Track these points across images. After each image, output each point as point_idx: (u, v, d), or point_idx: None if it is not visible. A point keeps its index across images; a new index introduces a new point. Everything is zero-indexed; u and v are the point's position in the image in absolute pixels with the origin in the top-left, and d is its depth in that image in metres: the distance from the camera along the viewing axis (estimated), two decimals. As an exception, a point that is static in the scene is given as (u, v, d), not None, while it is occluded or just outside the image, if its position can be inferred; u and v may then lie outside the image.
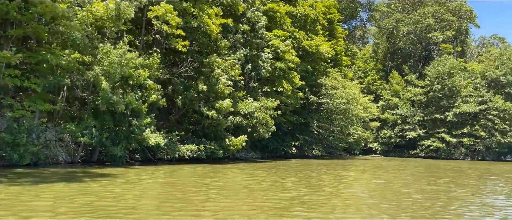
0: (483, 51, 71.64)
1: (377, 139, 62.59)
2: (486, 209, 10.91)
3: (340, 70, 46.23)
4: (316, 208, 9.84)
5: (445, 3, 65.02)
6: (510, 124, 57.66)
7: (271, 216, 8.55)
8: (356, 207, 10.47)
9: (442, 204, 11.58)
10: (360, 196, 12.83)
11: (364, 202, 11.61)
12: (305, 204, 10.43)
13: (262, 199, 11.08)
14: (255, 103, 27.48)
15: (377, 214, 9.64)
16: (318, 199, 11.51)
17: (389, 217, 9.17)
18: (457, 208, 10.79)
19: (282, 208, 9.72)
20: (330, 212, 9.46)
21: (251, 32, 29.20)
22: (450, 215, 9.74)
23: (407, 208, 10.65)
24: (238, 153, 31.28)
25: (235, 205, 9.92)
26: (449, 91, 58.05)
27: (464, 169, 31.14)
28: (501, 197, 13.97)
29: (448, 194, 13.87)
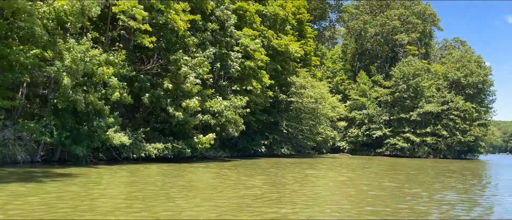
0: (445, 54, 74.54)
1: (344, 137, 63.99)
2: (433, 204, 11.45)
3: (309, 70, 46.92)
4: (274, 205, 9.98)
5: (410, 6, 67.25)
6: (470, 124, 60.45)
7: (225, 215, 8.61)
8: (313, 204, 10.67)
9: (396, 199, 12.05)
10: (320, 193, 13.10)
11: (324, 199, 11.87)
12: (265, 201, 10.54)
13: (223, 197, 11.12)
14: (224, 102, 27.47)
15: (333, 209, 9.91)
16: (279, 196, 11.66)
17: (343, 213, 9.46)
18: (412, 204, 11.23)
19: (242, 206, 9.80)
20: (287, 209, 9.62)
21: (220, 30, 29.14)
22: (402, 210, 10.14)
23: (362, 203, 11.03)
24: (207, 152, 31.16)
25: (193, 204, 9.90)
26: (414, 91, 60.14)
27: (425, 167, 32.38)
28: (452, 193, 14.66)
29: (404, 191, 14.42)
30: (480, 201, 12.64)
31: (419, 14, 66.66)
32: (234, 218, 8.37)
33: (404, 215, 9.54)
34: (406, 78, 60.07)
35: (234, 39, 30.16)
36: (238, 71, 30.10)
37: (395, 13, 65.49)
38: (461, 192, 14.80)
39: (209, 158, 31.08)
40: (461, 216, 9.79)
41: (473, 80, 61.17)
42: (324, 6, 59.89)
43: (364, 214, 9.41)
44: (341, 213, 9.49)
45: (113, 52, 21.64)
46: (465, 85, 61.83)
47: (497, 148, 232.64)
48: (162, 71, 24.30)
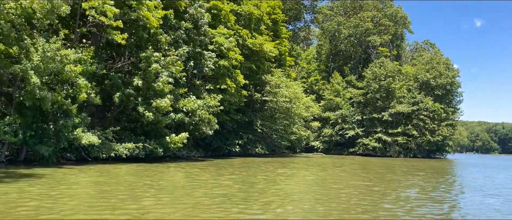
0: (416, 56, 76.71)
1: (318, 137, 64.82)
2: (398, 202, 11.79)
3: (284, 70, 47.24)
4: (240, 204, 10.02)
5: (382, 8, 68.81)
6: (438, 124, 62.49)
7: (190, 214, 8.57)
8: (279, 203, 10.74)
9: (362, 197, 12.31)
10: (288, 192, 13.18)
11: (291, 198, 11.93)
12: (232, 201, 10.56)
13: (190, 197, 11.04)
14: (197, 101, 27.28)
15: (298, 208, 10.05)
16: (246, 195, 11.70)
17: (307, 211, 9.61)
18: (377, 202, 11.52)
19: (208, 205, 9.78)
20: (252, 208, 9.67)
21: (194, 29, 28.91)
22: (366, 207, 10.41)
23: (328, 201, 11.21)
24: (180, 151, 30.85)
25: (159, 204, 9.78)
26: (385, 92, 61.60)
27: (395, 165, 33.22)
28: (415, 190, 15.16)
29: (371, 189, 14.76)
30: (444, 200, 13.06)
31: (391, 17, 68.31)
32: (196, 218, 8.33)
33: (368, 213, 9.76)
34: (378, 79, 61.46)
35: (208, 37, 29.99)
36: (212, 70, 29.97)
37: (368, 15, 66.87)
38: (426, 190, 15.27)
39: (182, 157, 30.78)
40: (425, 214, 10.09)
41: (441, 82, 63.23)
42: (299, 7, 60.46)
43: (329, 213, 9.54)
44: (306, 212, 9.59)
45: (81, 49, 21.11)
46: (434, 86, 63.85)
47: (464, 148, 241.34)
48: (134, 69, 23.89)
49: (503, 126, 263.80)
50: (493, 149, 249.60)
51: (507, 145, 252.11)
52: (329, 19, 69.57)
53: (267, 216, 8.84)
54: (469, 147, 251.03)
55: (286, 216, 8.92)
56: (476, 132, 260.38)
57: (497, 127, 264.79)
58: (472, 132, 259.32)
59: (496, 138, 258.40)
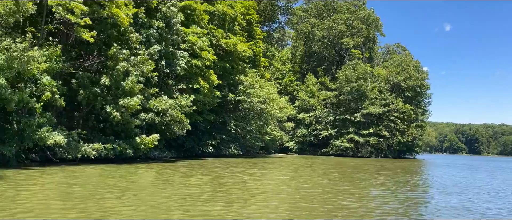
0: (388, 58, 78.56)
1: (293, 138, 65.33)
2: (361, 200, 12.07)
3: (258, 71, 47.36)
4: (205, 204, 9.97)
5: (355, 11, 70.09)
6: (408, 125, 64.21)
7: (152, 215, 8.48)
8: (245, 202, 10.77)
9: (328, 196, 12.54)
10: (256, 192, 13.21)
11: (257, 197, 11.97)
12: (197, 201, 10.50)
13: (154, 197, 10.87)
14: (169, 100, 26.92)
15: (263, 206, 10.13)
16: (212, 195, 11.65)
17: (271, 210, 9.67)
18: (339, 200, 11.72)
19: (170, 205, 9.68)
20: (216, 207, 9.67)
21: (166, 28, 28.54)
22: (328, 207, 10.62)
23: (294, 200, 11.35)
24: (151, 152, 30.36)
25: (120, 205, 9.57)
26: (357, 94, 62.78)
27: (365, 165, 33.89)
28: (381, 189, 15.59)
29: (338, 188, 15.03)
30: (407, 198, 13.40)
31: (364, 20, 69.65)
32: (154, 219, 8.23)
33: (330, 212, 9.91)
34: (351, 81, 62.57)
35: (180, 37, 29.66)
36: (185, 69, 29.67)
37: (341, 17, 67.96)
38: (391, 189, 15.67)
39: (154, 158, 30.28)
40: (387, 212, 10.34)
41: (411, 84, 65.01)
42: (273, 8, 60.79)
43: (290, 212, 9.65)
44: (268, 211, 9.63)
45: (47, 46, 20.44)
46: (405, 88, 65.56)
47: (433, 148, 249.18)
48: (103, 68, 23.33)
49: (469, 127, 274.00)
50: (460, 149, 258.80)
51: (473, 145, 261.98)
52: (303, 21, 70.28)
53: (228, 216, 8.81)
54: (438, 147, 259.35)
55: (246, 216, 8.91)
56: (445, 132, 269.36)
57: (464, 127, 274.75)
58: (441, 132, 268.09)
59: (463, 138, 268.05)
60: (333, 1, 72.03)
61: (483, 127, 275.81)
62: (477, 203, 12.81)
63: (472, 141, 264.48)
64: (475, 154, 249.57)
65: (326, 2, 72.26)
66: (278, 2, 61.97)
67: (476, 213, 10.88)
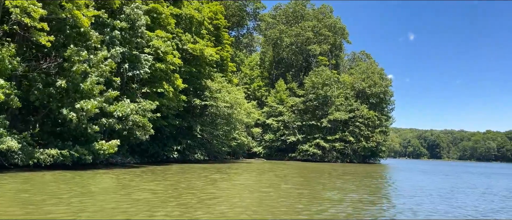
0: (353, 65, 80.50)
1: (261, 143, 65.48)
2: (314, 203, 12.27)
3: (226, 75, 47.20)
4: (152, 209, 9.81)
5: (322, 19, 71.47)
6: (373, 130, 65.90)
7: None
8: (195, 207, 10.72)
9: (282, 199, 12.76)
10: (209, 197, 13.09)
11: (208, 202, 11.91)
12: (146, 205, 10.34)
13: (103, 203, 10.58)
14: (131, 105, 26.26)
15: (215, 210, 10.20)
16: (165, 200, 11.49)
17: (218, 214, 9.67)
18: (293, 204, 11.84)
19: (117, 210, 9.44)
20: (162, 212, 9.53)
21: (130, 30, 27.92)
22: (280, 209, 10.79)
23: (245, 204, 11.45)
24: (113, 157, 29.54)
25: (61, 210, 9.23)
26: (324, 100, 63.86)
27: (328, 170, 34.42)
28: (335, 192, 15.95)
29: (296, 191, 15.25)
30: (359, 200, 13.70)
31: (330, 27, 71.10)
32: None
33: (278, 215, 10.03)
34: (317, 87, 63.58)
35: (145, 40, 29.09)
36: (148, 73, 29.09)
37: (309, 24, 69.08)
38: (345, 192, 16.04)
39: (116, 164, 29.43)
40: (336, 214, 10.54)
41: (376, 91, 66.86)
42: (241, 13, 60.95)
43: (237, 215, 9.72)
44: (214, 215, 9.68)
45: (0, 46, 19.46)
46: (369, 95, 67.34)
47: (397, 153, 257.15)
48: (61, 69, 22.46)
49: (431, 133, 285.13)
50: (422, 154, 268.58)
51: (435, 151, 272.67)
52: (272, 27, 70.91)
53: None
54: (402, 152, 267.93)
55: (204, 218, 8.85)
56: (408, 138, 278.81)
57: (427, 133, 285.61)
58: (405, 138, 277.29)
59: (426, 144, 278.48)
60: (301, 9, 73.15)
61: (444, 133, 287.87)
62: (424, 205, 13.28)
63: (434, 146, 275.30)
64: (437, 158, 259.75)
65: (294, 9, 73.29)
66: (246, 8, 62.21)
67: (420, 214, 11.29)
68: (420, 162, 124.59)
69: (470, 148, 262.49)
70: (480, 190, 20.78)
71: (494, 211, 12.67)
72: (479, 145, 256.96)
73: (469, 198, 16.31)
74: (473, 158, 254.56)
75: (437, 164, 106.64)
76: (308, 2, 74.46)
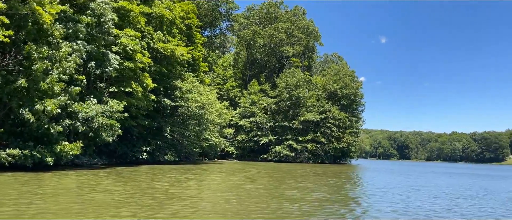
0: (326, 67, 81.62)
1: (233, 144, 65.29)
2: (275, 202, 12.36)
3: (198, 75, 46.75)
4: (104, 210, 9.57)
5: (295, 21, 72.09)
6: (344, 131, 66.96)
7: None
8: (154, 207, 10.57)
9: (243, 199, 12.79)
10: (170, 197, 12.93)
11: (167, 202, 11.80)
12: (100, 207, 10.13)
13: (50, 205, 10.24)
14: (97, 105, 25.50)
15: (162, 212, 10.04)
16: (122, 201, 11.26)
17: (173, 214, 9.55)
18: (255, 202, 11.84)
19: (67, 211, 9.13)
20: (111, 213, 9.32)
21: (96, 27, 27.11)
22: (236, 208, 10.82)
23: (204, 205, 11.43)
24: (79, 159, 28.63)
25: (3, 212, 8.88)
26: (296, 101, 64.38)
27: (298, 171, 34.67)
28: (296, 191, 16.19)
29: (258, 191, 15.29)
30: (318, 199, 13.85)
31: (303, 29, 71.80)
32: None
33: (235, 213, 10.05)
34: (290, 88, 64.04)
35: (112, 36, 28.28)
36: (116, 70, 28.34)
37: (282, 26, 69.50)
38: (306, 191, 16.23)
39: (82, 165, 28.54)
40: (291, 212, 10.66)
41: (347, 92, 67.99)
42: (214, 13, 60.59)
43: (191, 215, 9.72)
44: (169, 215, 9.60)
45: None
46: (340, 96, 68.40)
47: (368, 154, 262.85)
48: (21, 67, 21.53)
49: (401, 134, 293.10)
50: (392, 155, 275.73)
51: (404, 151, 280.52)
52: (245, 28, 70.89)
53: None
54: (373, 153, 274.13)
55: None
56: (379, 139, 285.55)
57: (396, 135, 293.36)
58: (376, 139, 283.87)
59: (395, 145, 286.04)
60: (274, 10, 73.52)
61: (413, 134, 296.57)
62: (381, 203, 13.58)
63: (403, 147, 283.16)
64: (406, 159, 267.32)
65: (268, 10, 73.58)
66: (219, 8, 61.90)
67: (371, 211, 11.55)
68: (389, 163, 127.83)
69: (437, 149, 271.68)
70: (432, 189, 21.44)
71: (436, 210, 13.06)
72: (446, 146, 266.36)
73: (420, 197, 16.80)
74: (440, 158, 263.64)
75: (405, 164, 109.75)
76: (281, 4, 74.94)
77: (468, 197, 17.41)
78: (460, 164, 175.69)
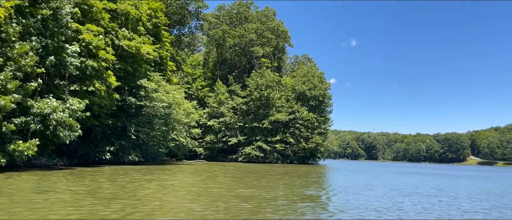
0: (296, 68, 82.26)
1: (202, 144, 64.62)
2: (235, 202, 12.28)
3: (165, 74, 45.94)
4: (51, 211, 9.15)
5: (266, 21, 72.29)
6: (312, 132, 67.70)
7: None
8: (101, 207, 10.24)
9: (195, 198, 12.71)
10: (121, 197, 12.60)
11: (113, 202, 11.50)
12: (47, 209, 9.67)
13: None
14: (54, 103, 24.43)
15: (108, 210, 9.79)
16: (69, 202, 10.80)
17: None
18: (213, 201, 11.69)
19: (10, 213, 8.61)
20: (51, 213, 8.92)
21: (53, 20, 25.96)
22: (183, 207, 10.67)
23: (154, 204, 11.15)
24: (37, 159, 27.40)
25: None
26: (266, 101, 64.51)
27: (264, 171, 34.62)
28: (252, 190, 16.24)
29: (211, 190, 15.29)
30: (273, 198, 13.82)
31: (273, 30, 72.09)
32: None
33: (181, 211, 9.99)
34: (260, 89, 64.09)
35: (71, 30, 27.16)
36: (77, 68, 27.31)
37: (252, 26, 69.49)
38: (259, 191, 16.20)
39: (40, 166, 27.32)
40: (234, 210, 10.63)
41: (315, 93, 68.81)
42: (183, 12, 59.76)
43: (133, 214, 9.55)
44: (116, 214, 9.41)
45: None
46: (309, 97, 69.15)
47: (337, 154, 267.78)
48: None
49: (368, 135, 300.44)
50: (360, 156, 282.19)
51: (371, 152, 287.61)
52: (216, 27, 70.39)
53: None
54: (342, 153, 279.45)
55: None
56: (348, 140, 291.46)
57: (364, 135, 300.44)
58: (344, 140, 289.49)
59: (363, 145, 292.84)
60: (244, 10, 73.41)
61: (380, 135, 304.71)
62: (333, 200, 13.75)
63: (371, 147, 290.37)
64: (373, 159, 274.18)
65: (238, 10, 73.39)
66: (188, 6, 61.11)
67: (328, 207, 11.67)
68: (355, 163, 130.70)
69: (403, 150, 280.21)
70: (388, 187, 21.97)
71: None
72: (411, 147, 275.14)
73: (374, 194, 17.18)
74: (406, 158, 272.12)
75: (371, 164, 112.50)
76: (252, 4, 74.96)
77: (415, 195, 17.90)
78: (424, 164, 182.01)
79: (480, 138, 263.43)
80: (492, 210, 13.74)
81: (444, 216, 11.81)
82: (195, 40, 76.19)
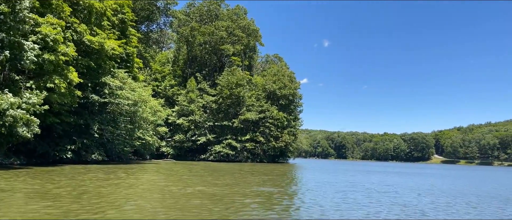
0: (266, 67, 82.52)
1: (169, 143, 63.59)
2: (202, 200, 11.99)
3: (131, 71, 44.81)
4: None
5: (237, 20, 72.04)
6: (282, 131, 68.10)
7: None
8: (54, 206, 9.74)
9: (152, 197, 12.56)
10: (76, 198, 12.14)
11: (66, 199, 11.07)
12: None
13: None
14: (10, 98, 23.27)
15: (43, 207, 9.64)
16: (21, 202, 10.22)
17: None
18: (177, 199, 11.47)
19: None
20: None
21: (10, 14, 24.74)
22: (160, 208, 10.23)
23: (111, 204, 10.88)
24: (-11, 158, 26.06)
25: None
26: (236, 100, 64.28)
27: (232, 170, 34.45)
28: (218, 188, 16.17)
29: (169, 189, 15.03)
30: (233, 194, 13.69)
31: (244, 29, 71.93)
32: None
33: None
34: (230, 88, 63.78)
35: (28, 25, 26.00)
36: (35, 63, 26.09)
37: (223, 24, 69.05)
38: (225, 188, 16.13)
39: (-7, 165, 25.97)
40: (203, 209, 10.38)
41: (285, 93, 69.26)
42: (151, 8, 58.56)
43: (88, 212, 9.30)
44: (72, 213, 9.06)
45: None
46: (279, 96, 69.52)
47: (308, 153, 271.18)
48: None
49: (338, 134, 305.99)
50: (330, 154, 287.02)
51: (341, 151, 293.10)
52: (185, 25, 69.45)
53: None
54: (312, 152, 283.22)
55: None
56: (318, 139, 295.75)
57: (334, 135, 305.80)
58: (315, 139, 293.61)
59: (333, 144, 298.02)
60: (215, 8, 72.86)
61: (349, 134, 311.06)
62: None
63: (340, 147, 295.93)
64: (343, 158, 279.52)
65: (209, 8, 72.75)
66: (157, 2, 59.93)
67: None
68: (324, 162, 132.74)
69: (371, 149, 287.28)
70: (342, 184, 22.35)
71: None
72: (379, 146, 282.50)
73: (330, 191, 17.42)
74: (374, 157, 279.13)
75: (339, 163, 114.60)
76: (223, 2, 74.49)
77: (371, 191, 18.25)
78: (391, 163, 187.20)
79: (444, 137, 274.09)
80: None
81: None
82: (164, 37, 74.90)
